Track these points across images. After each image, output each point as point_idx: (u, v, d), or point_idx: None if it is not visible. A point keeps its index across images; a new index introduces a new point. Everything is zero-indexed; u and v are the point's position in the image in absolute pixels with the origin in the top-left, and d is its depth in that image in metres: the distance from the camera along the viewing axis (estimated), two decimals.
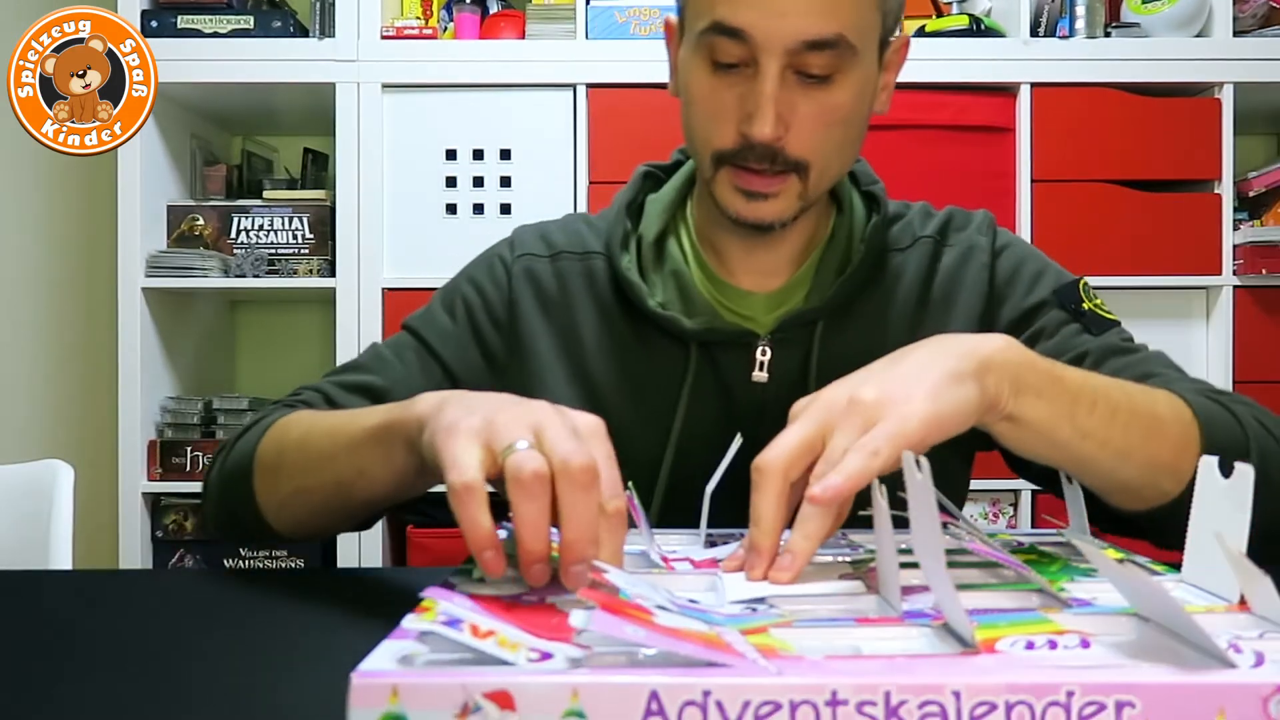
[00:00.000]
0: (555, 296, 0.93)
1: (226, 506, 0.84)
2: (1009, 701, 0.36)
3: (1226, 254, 1.99)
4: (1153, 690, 0.37)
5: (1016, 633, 0.43)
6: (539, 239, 0.96)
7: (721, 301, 0.91)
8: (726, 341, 0.88)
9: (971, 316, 0.90)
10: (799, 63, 0.79)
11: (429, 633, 0.41)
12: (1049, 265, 0.93)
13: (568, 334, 0.92)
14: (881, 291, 0.90)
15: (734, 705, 0.36)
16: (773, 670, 0.37)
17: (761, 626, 0.45)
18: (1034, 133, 1.98)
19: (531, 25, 2.03)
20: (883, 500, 0.51)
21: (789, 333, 0.88)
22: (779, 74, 0.79)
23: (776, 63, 0.78)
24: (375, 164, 2.00)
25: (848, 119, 0.82)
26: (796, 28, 0.77)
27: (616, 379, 0.90)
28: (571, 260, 0.94)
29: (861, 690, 0.36)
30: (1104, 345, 0.86)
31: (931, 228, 0.93)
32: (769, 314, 0.90)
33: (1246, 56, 1.99)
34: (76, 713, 0.49)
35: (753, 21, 0.78)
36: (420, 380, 0.90)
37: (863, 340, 0.87)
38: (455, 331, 0.93)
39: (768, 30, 0.77)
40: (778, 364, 0.87)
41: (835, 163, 0.85)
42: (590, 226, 0.96)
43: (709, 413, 0.88)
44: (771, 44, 0.78)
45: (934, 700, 0.36)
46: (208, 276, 2.04)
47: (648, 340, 0.90)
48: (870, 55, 0.82)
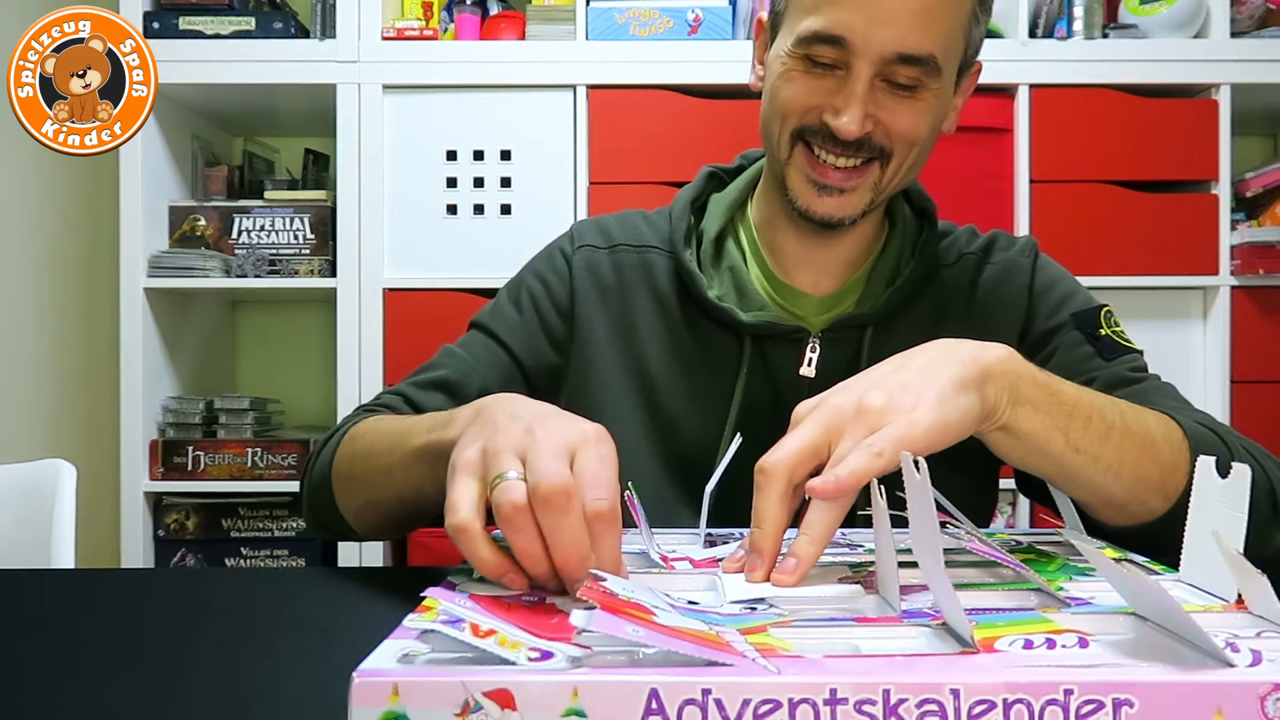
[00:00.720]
0: (613, 285, 0.96)
1: (316, 515, 0.87)
2: (1007, 700, 0.37)
3: (1224, 254, 1.99)
4: (1150, 689, 0.37)
5: (1015, 632, 0.43)
6: (598, 231, 0.98)
7: (775, 299, 0.94)
8: (779, 335, 0.91)
9: (1012, 331, 0.93)
10: (887, 73, 0.83)
11: (430, 631, 0.41)
12: (1079, 290, 0.96)
13: (623, 321, 0.95)
14: (927, 302, 0.94)
15: (733, 704, 0.36)
16: (772, 669, 0.38)
17: (760, 626, 0.45)
18: (1032, 133, 1.98)
19: (532, 26, 2.03)
20: (882, 500, 0.51)
21: (839, 333, 0.91)
22: (869, 80, 0.83)
23: (870, 69, 0.82)
24: (376, 165, 2.00)
25: (926, 125, 0.86)
26: (896, 38, 0.81)
27: (670, 367, 0.93)
28: (628, 252, 0.96)
29: (860, 689, 0.37)
30: (1112, 375, 0.88)
31: (977, 246, 0.97)
32: (820, 315, 0.93)
33: (1244, 57, 1.99)
34: (78, 711, 0.49)
35: (854, 27, 0.81)
36: (490, 370, 0.93)
37: (908, 346, 0.86)
38: (521, 321, 0.96)
39: (867, 37, 0.81)
40: (825, 361, 0.90)
41: (910, 166, 0.88)
42: (648, 222, 0.99)
43: (763, 400, 0.91)
44: (869, 50, 0.81)
45: (933, 699, 0.37)
46: (209, 277, 2.04)
47: (702, 331, 0.93)
48: (950, 77, 0.87)
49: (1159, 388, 0.88)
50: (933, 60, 0.83)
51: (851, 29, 0.81)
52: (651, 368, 0.94)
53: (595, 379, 0.95)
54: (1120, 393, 0.85)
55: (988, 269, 0.96)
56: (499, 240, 1.99)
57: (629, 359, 0.94)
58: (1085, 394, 0.69)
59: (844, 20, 0.81)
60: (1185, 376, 1.98)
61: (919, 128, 0.85)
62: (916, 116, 0.85)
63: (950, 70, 0.86)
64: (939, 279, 0.95)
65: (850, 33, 0.81)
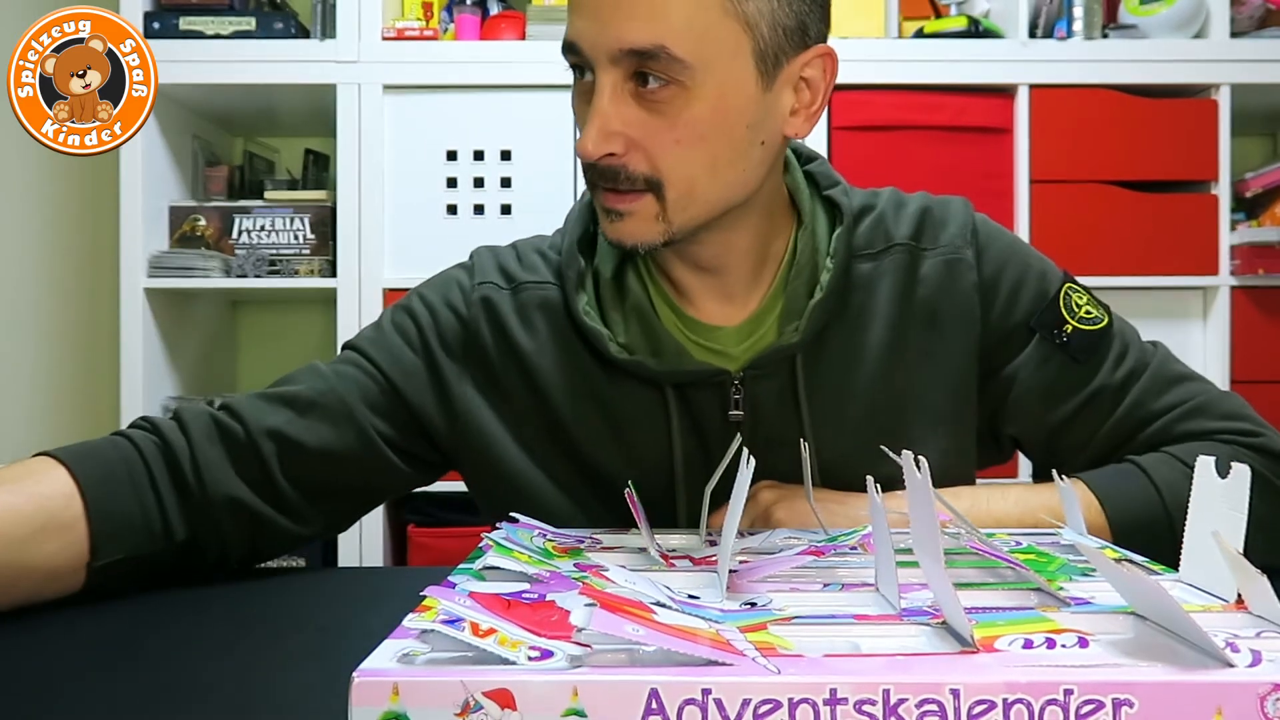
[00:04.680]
0: (516, 330, 0.87)
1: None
2: (1007, 700, 0.37)
3: (1223, 254, 1.99)
4: (1150, 689, 0.37)
5: (1015, 631, 0.43)
6: (498, 269, 0.90)
7: (689, 337, 0.86)
8: (699, 383, 0.84)
9: (967, 347, 0.86)
10: (631, 79, 0.75)
11: (429, 631, 0.41)
12: (1029, 268, 0.88)
13: (533, 377, 0.86)
14: (858, 305, 0.85)
15: (733, 704, 0.36)
16: (772, 669, 0.38)
17: (761, 624, 0.45)
18: (1032, 134, 1.98)
19: (532, 26, 2.03)
20: (880, 499, 0.52)
21: (763, 369, 0.83)
22: (611, 87, 0.75)
23: (606, 75, 0.75)
24: (376, 165, 2.00)
25: (705, 135, 0.76)
26: (614, 35, 0.74)
27: (599, 430, 0.85)
28: (532, 290, 0.88)
29: (860, 689, 0.37)
30: (1090, 396, 0.86)
31: (905, 229, 0.87)
32: (740, 344, 0.86)
33: (1244, 58, 1.99)
34: (78, 710, 0.49)
35: (580, 32, 0.76)
36: (355, 392, 0.85)
37: (841, 363, 0.85)
38: (405, 345, 0.87)
39: (592, 39, 0.75)
40: (753, 399, 0.84)
41: (703, 183, 0.78)
42: (544, 258, 0.90)
43: (698, 450, 0.84)
44: (596, 53, 0.75)
45: (933, 699, 0.37)
46: (209, 277, 2.04)
47: (621, 383, 0.85)
48: (729, 70, 0.76)
49: (1151, 383, 0.86)
50: (665, 52, 0.73)
51: (578, 32, 0.76)
52: (573, 427, 0.85)
53: (503, 435, 0.86)
54: (1108, 406, 0.86)
55: (925, 262, 0.86)
56: (499, 240, 1.97)
57: (542, 417, 0.86)
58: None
59: (577, 26, 0.76)
60: None
61: (687, 139, 0.75)
62: (683, 126, 0.75)
63: (721, 61, 0.75)
64: (863, 275, 0.86)
65: (578, 36, 0.76)
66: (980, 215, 0.90)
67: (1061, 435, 0.87)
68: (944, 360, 0.86)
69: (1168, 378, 0.87)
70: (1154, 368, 0.87)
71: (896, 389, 0.85)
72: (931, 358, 0.86)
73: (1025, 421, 0.88)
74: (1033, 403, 0.87)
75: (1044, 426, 0.87)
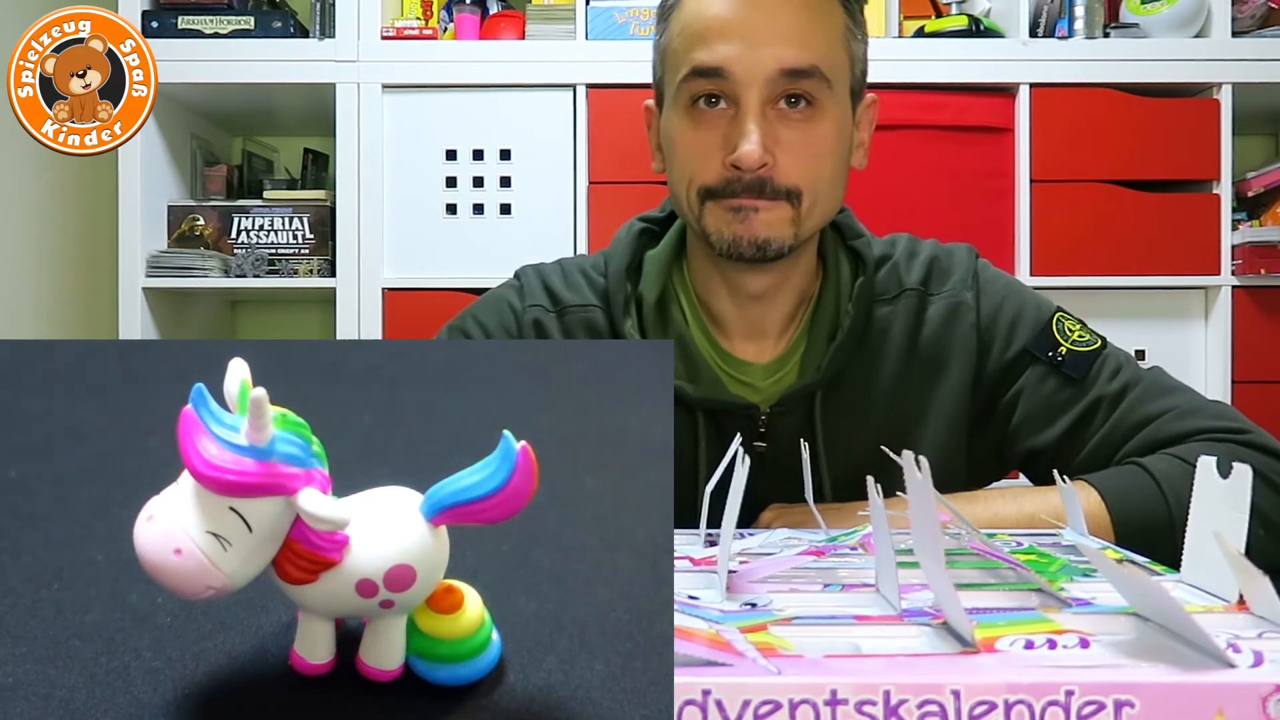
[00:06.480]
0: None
1: None
2: (1008, 701, 0.36)
3: (1225, 254, 1.99)
4: (1152, 690, 0.37)
5: (1016, 632, 0.43)
6: (544, 291, 0.95)
7: (723, 368, 0.92)
8: (730, 412, 0.89)
9: (965, 381, 0.92)
10: (777, 96, 0.82)
11: None
12: (1024, 303, 0.94)
13: None
14: (871, 349, 0.92)
15: (734, 705, 0.36)
16: (772, 670, 0.37)
17: (761, 624, 0.45)
18: (1033, 133, 1.98)
19: (531, 26, 2.03)
20: (880, 500, 0.51)
21: (786, 406, 0.89)
22: (760, 106, 0.82)
23: (757, 95, 0.81)
24: (375, 164, 2.00)
25: (832, 151, 0.85)
26: (774, 58, 0.81)
27: None
28: (576, 314, 0.93)
29: (861, 690, 0.37)
30: (1088, 407, 0.89)
31: (916, 276, 0.94)
32: (765, 380, 0.92)
33: (1245, 57, 1.99)
34: None
35: (730, 58, 0.81)
36: None
37: (856, 400, 0.90)
38: None
39: (747, 64, 0.81)
40: (775, 431, 0.89)
41: (825, 197, 0.86)
42: (587, 279, 0.95)
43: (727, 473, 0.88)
44: (751, 77, 0.81)
45: (933, 700, 0.36)
46: (208, 276, 2.04)
47: None
48: (843, 94, 0.85)
49: (1145, 392, 0.89)
50: (818, 71, 0.82)
51: (728, 58, 0.81)
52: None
53: None
54: (1101, 417, 0.88)
55: (932, 306, 0.93)
56: (499, 240, 1.98)
57: None
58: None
59: (722, 52, 0.81)
60: (1186, 377, 1.94)
61: (820, 154, 0.84)
62: (817, 142, 0.83)
63: (841, 85, 0.85)
64: (880, 319, 0.93)
65: (727, 62, 0.81)
66: (983, 260, 0.97)
67: (1063, 447, 0.90)
68: (945, 393, 0.92)
69: (1162, 387, 0.91)
70: (1148, 380, 0.91)
71: (902, 419, 0.91)
72: (934, 390, 0.92)
73: (1030, 441, 0.91)
74: (1035, 421, 0.91)
75: (1047, 442, 0.91)
